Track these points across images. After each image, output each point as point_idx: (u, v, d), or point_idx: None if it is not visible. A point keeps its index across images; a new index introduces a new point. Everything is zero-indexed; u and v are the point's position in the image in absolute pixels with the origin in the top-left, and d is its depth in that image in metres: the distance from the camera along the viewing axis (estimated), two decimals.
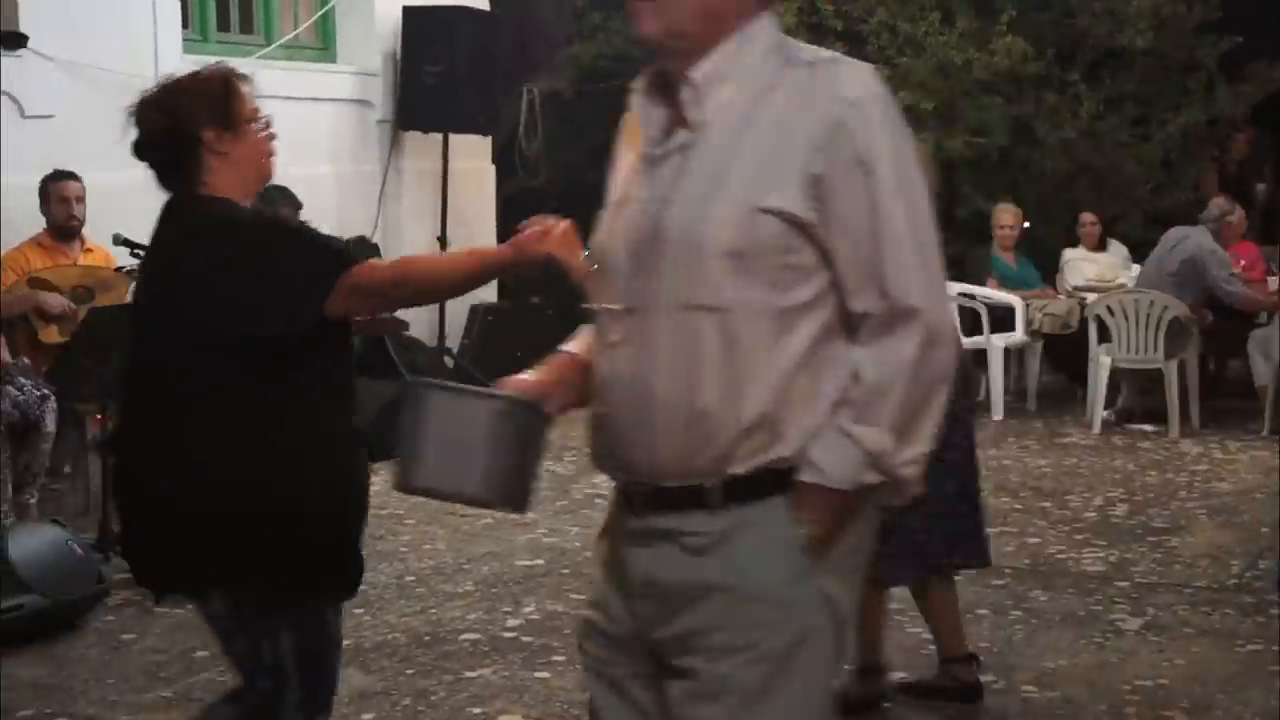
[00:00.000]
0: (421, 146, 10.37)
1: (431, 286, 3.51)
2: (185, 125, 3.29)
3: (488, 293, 11.04)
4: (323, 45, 10.09)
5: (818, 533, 2.37)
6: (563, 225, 3.15)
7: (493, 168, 11.45)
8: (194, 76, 3.37)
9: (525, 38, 12.30)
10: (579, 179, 13.95)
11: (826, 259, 2.36)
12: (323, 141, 9.83)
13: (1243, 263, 10.13)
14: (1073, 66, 11.38)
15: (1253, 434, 9.28)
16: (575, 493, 7.75)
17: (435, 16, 9.99)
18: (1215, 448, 8.98)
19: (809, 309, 2.37)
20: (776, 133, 2.35)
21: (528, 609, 5.86)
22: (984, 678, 4.93)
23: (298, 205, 8.08)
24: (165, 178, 3.36)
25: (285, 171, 8.63)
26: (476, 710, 4.81)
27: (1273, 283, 10.06)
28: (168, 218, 3.37)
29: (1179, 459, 8.69)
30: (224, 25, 9.42)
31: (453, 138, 10.29)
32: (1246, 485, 8.00)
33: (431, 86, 9.95)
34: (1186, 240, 9.64)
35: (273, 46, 9.47)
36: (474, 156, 11.02)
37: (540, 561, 6.53)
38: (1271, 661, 5.25)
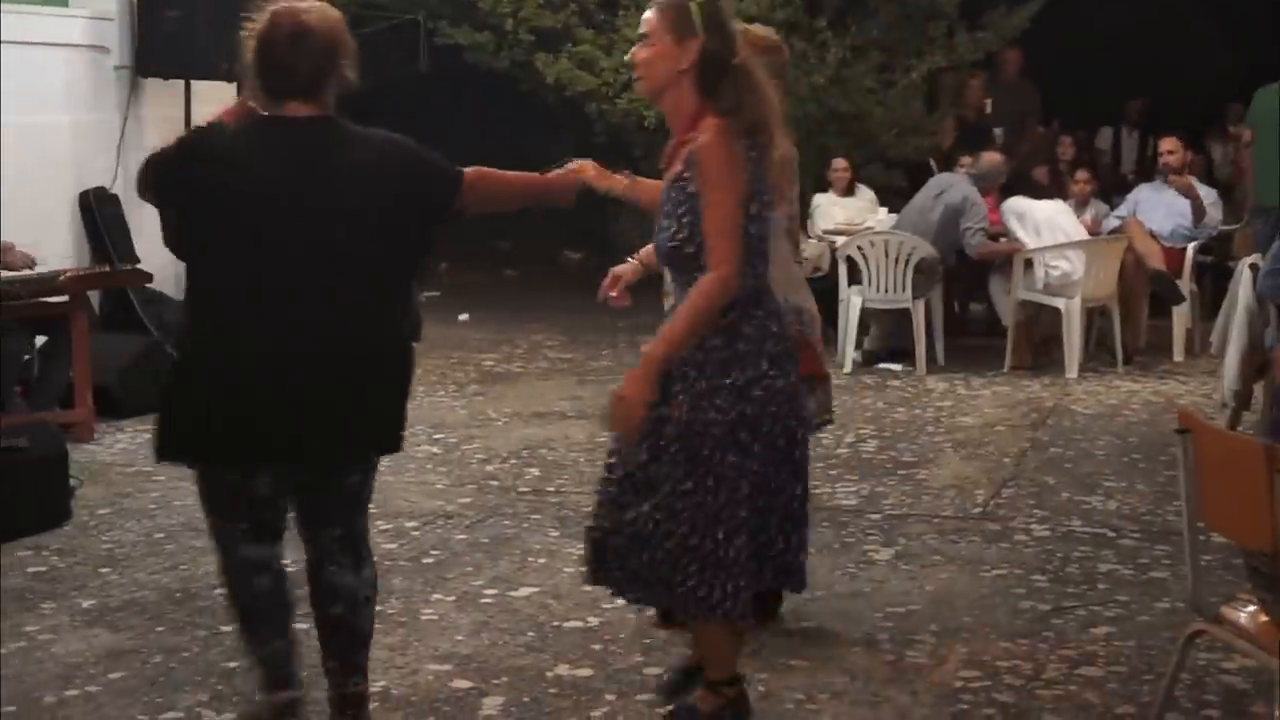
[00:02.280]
0: (162, 93, 10.01)
1: (509, 196, 4.20)
2: (343, 56, 3.81)
3: None
4: None
5: None
6: (589, 163, 4.32)
7: None
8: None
9: None
10: None
11: None
12: (57, 89, 9.43)
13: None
14: (820, 13, 11.54)
15: (994, 371, 9.59)
16: None
17: None
18: (959, 384, 9.26)
19: None
20: None
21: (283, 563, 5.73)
22: None
23: None
24: (303, 93, 3.75)
25: (18, 120, 8.36)
26: (231, 664, 4.69)
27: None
28: (310, 134, 3.77)
29: (925, 395, 8.93)
30: None
31: (195, 84, 9.96)
32: (989, 419, 8.26)
33: (171, 31, 9.60)
34: (952, 189, 9.86)
35: None
36: (218, 104, 10.63)
37: (292, 514, 6.38)
38: (1015, 584, 5.44)
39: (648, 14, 3.94)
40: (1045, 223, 9.76)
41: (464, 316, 12.03)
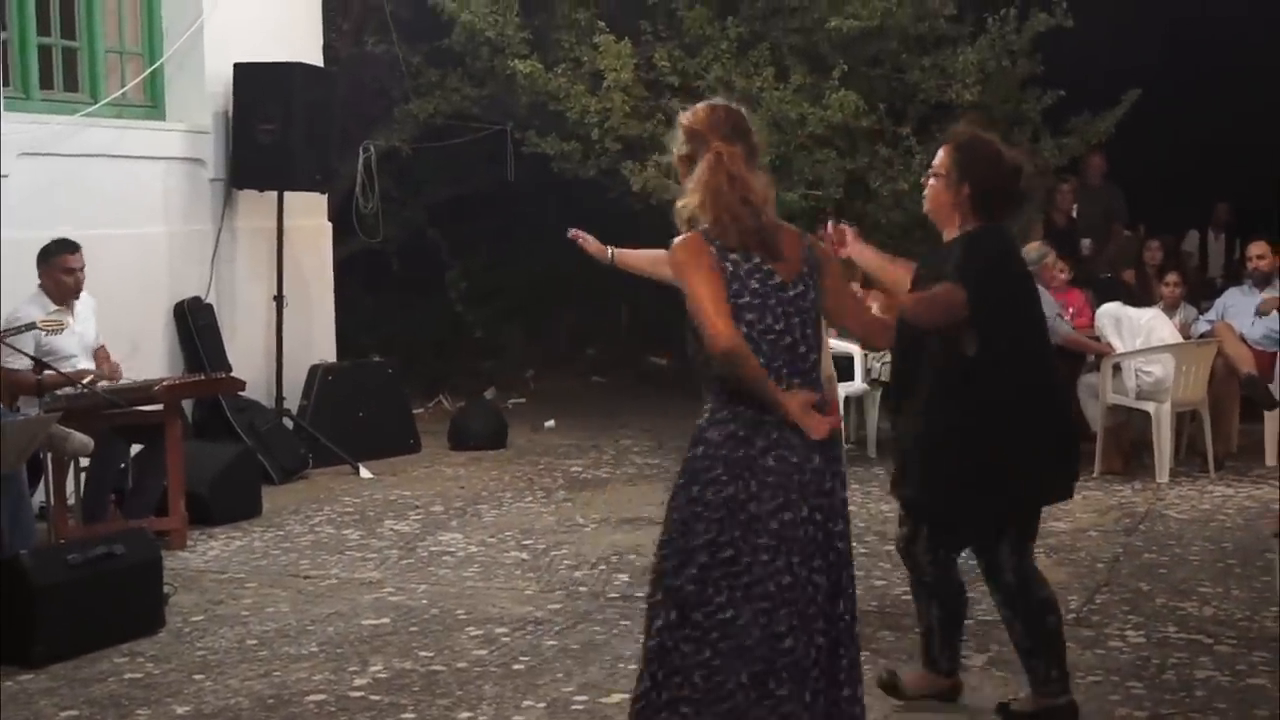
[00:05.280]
0: (256, 205, 10.23)
1: None
2: None
3: (327, 352, 10.91)
4: (151, 103, 9.91)
5: None
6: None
7: (329, 225, 11.33)
8: None
9: (360, 95, 12.22)
10: (419, 236, 13.89)
11: None
12: (154, 200, 9.65)
13: (1071, 310, 10.40)
14: (904, 120, 11.60)
15: (1084, 475, 9.48)
16: (421, 550, 7.66)
17: (267, 73, 9.88)
18: None
19: None
20: None
21: (375, 668, 5.76)
22: None
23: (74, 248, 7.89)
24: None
25: (115, 231, 8.54)
26: None
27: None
28: None
29: None
30: (47, 83, 9.17)
31: (288, 196, 10.17)
32: (1081, 524, 8.16)
33: (265, 144, 9.83)
34: None
35: (99, 104, 9.27)
36: (310, 214, 10.90)
37: (386, 620, 6.42)
38: (1110, 691, 5.36)
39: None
40: (1143, 329, 9.71)
41: (550, 423, 12.08)
